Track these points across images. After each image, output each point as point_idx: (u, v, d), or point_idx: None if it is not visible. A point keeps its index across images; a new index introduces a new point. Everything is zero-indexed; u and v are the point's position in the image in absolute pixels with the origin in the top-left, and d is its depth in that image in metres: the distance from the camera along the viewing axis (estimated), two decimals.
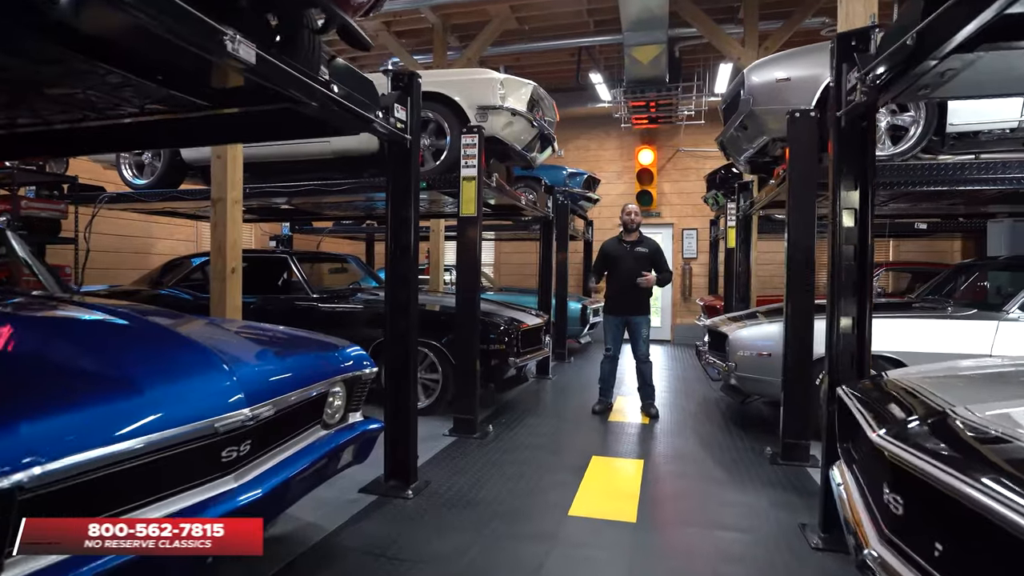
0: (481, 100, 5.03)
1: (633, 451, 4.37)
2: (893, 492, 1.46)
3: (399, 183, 3.38)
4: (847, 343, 2.89)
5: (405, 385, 3.41)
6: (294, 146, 5.66)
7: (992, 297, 5.29)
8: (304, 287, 5.66)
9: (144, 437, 1.52)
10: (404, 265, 3.40)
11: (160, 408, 1.63)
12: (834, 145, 2.90)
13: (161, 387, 1.70)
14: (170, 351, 2.00)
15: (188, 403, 1.72)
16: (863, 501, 1.73)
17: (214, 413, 1.77)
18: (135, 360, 1.85)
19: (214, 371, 1.90)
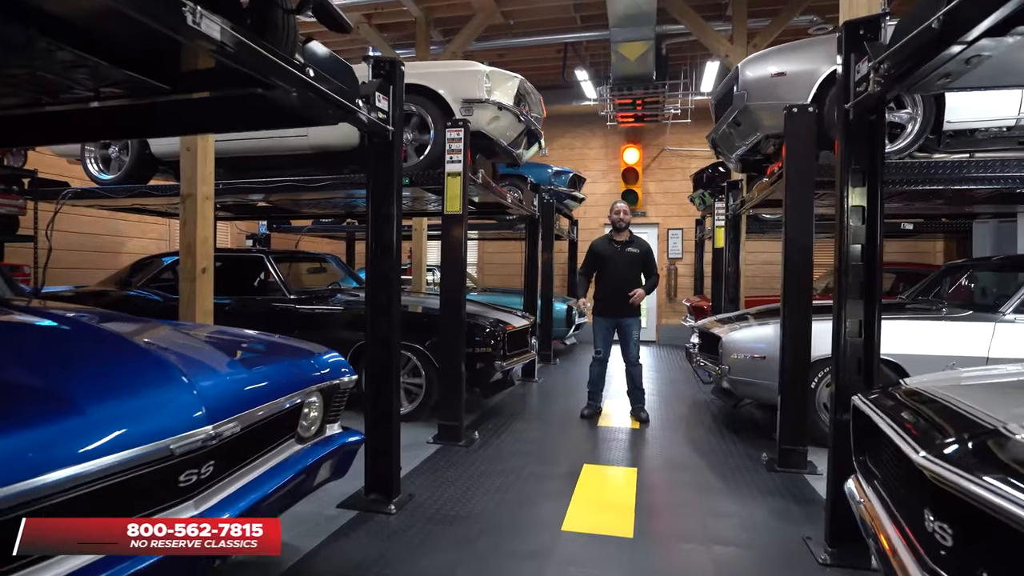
0: (466, 93, 4.83)
1: (625, 458, 4.21)
2: (939, 520, 1.30)
3: (380, 178, 3.18)
4: (854, 348, 2.75)
5: (387, 392, 3.21)
6: (270, 140, 5.41)
7: (985, 298, 5.22)
8: (281, 288, 5.42)
9: (81, 466, 1.30)
10: (386, 264, 3.19)
11: (104, 430, 1.42)
12: (841, 139, 2.76)
13: (106, 405, 1.49)
14: (120, 362, 1.78)
15: (138, 423, 1.51)
16: (893, 524, 1.57)
17: (170, 433, 1.56)
18: (78, 374, 1.63)
19: (171, 384, 1.69)
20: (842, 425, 2.78)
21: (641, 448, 4.47)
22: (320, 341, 5.00)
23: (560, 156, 11.94)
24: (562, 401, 6.05)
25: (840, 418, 2.78)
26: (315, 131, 5.20)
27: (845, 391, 2.77)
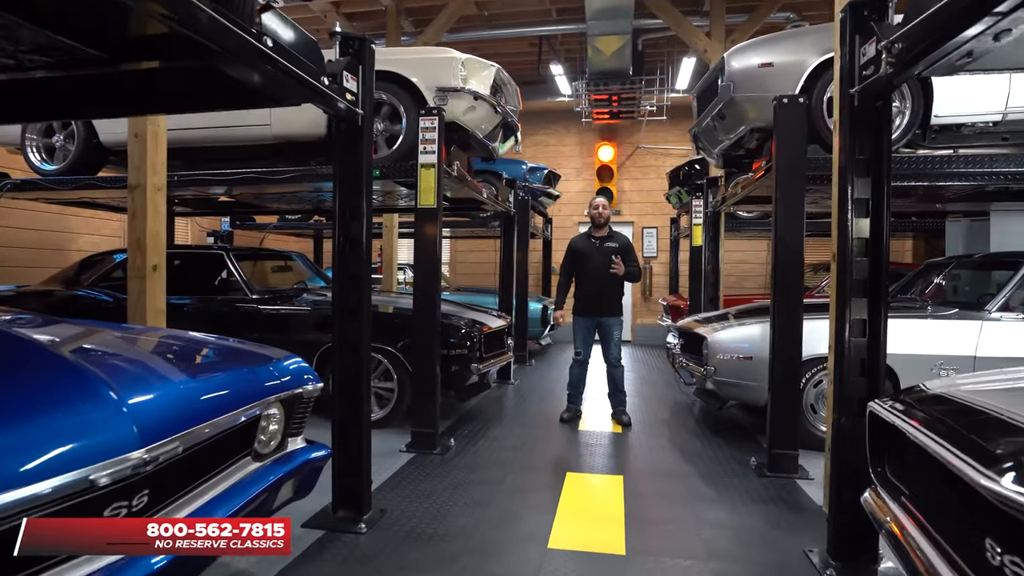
0: (440, 81, 4.57)
1: (610, 466, 4.01)
2: (1009, 553, 1.11)
3: (349, 166, 2.91)
4: (857, 349, 2.59)
5: (357, 401, 2.94)
6: (230, 129, 5.07)
7: (967, 296, 5.17)
8: (243, 287, 5.08)
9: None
10: (355, 262, 2.92)
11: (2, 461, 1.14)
12: (844, 128, 2.59)
13: (4, 432, 1.21)
14: (33, 378, 1.50)
15: (48, 451, 1.23)
16: (939, 553, 1.38)
17: (90, 460, 1.29)
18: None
19: (95, 402, 1.41)
20: (844, 430, 2.63)
21: (625, 454, 4.27)
22: (285, 343, 4.68)
23: (534, 153, 11.75)
24: (540, 404, 5.84)
25: (842, 422, 2.62)
26: (279, 119, 4.89)
27: (847, 394, 2.62)
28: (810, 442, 4.06)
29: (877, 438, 1.95)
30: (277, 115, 4.89)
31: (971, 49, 1.91)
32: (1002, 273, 5.01)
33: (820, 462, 3.80)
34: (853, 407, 2.61)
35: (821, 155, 4.14)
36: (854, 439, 2.60)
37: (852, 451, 2.60)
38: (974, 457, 1.21)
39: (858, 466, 2.58)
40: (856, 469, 2.58)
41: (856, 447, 2.59)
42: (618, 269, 4.91)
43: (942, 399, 1.74)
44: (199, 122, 5.03)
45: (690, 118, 11.50)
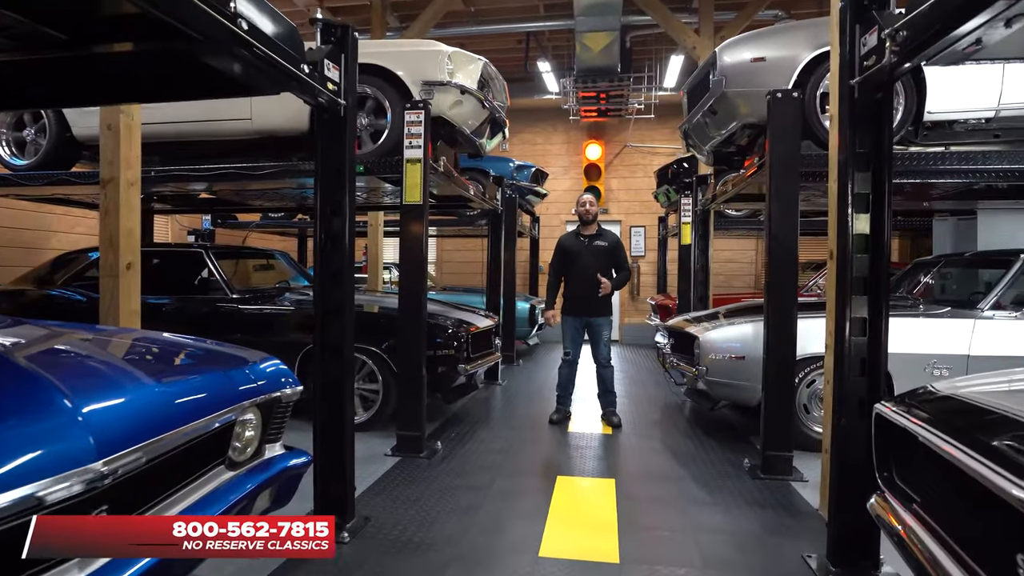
0: (426, 75, 4.46)
1: (601, 468, 3.92)
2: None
3: (331, 159, 2.78)
4: (858, 348, 2.51)
5: (339, 405, 2.82)
6: (210, 124, 4.91)
7: (957, 295, 5.14)
8: (222, 286, 4.93)
9: None
10: (337, 260, 2.80)
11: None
12: (844, 120, 2.52)
13: None
14: None
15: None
16: (958, 565, 1.30)
17: (40, 475, 1.17)
18: None
19: (46, 411, 1.29)
20: (844, 432, 2.55)
21: (616, 456, 4.18)
22: (266, 344, 4.55)
23: (521, 151, 11.65)
24: (529, 405, 5.74)
25: (842, 424, 2.55)
26: (260, 113, 4.75)
27: (847, 394, 2.54)
28: (803, 443, 4.00)
29: (884, 442, 1.87)
30: (258, 109, 4.75)
31: (980, 36, 1.83)
32: (992, 272, 5.00)
33: (814, 463, 3.76)
34: (853, 408, 2.54)
35: (814, 151, 4.09)
36: (854, 441, 2.53)
37: (852, 453, 2.53)
38: (1003, 466, 1.12)
39: (858, 469, 2.52)
40: (856, 472, 2.52)
41: (856, 449, 2.53)
42: (605, 289, 4.83)
43: (954, 401, 1.66)
44: (176, 115, 4.87)
45: (678, 116, 11.45)
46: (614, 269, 5.07)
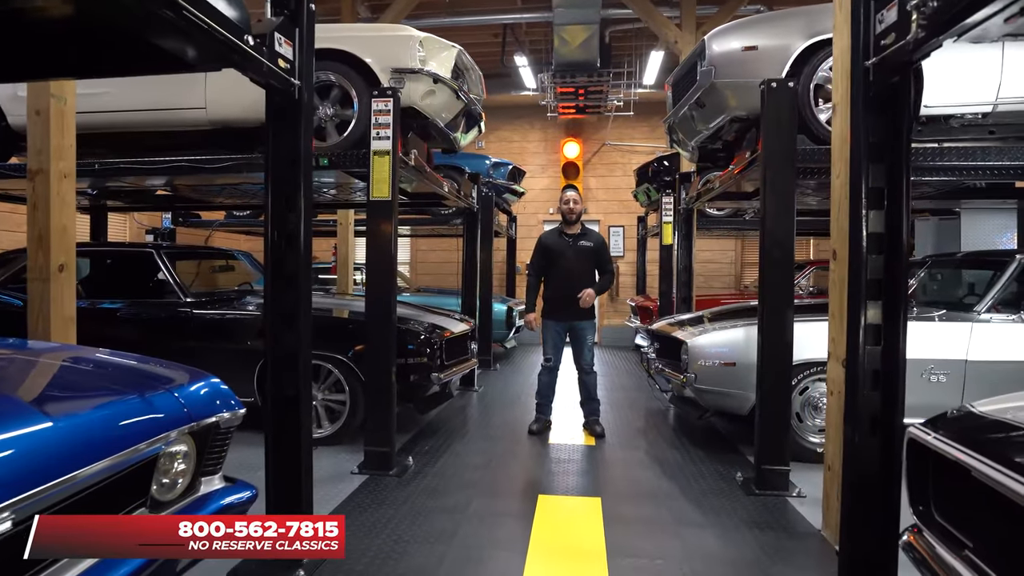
0: (396, 61, 4.14)
1: (585, 485, 3.64)
2: None
3: (284, 148, 2.46)
4: (871, 358, 2.27)
5: (294, 423, 2.49)
6: (161, 113, 4.53)
7: (947, 297, 4.99)
8: (175, 289, 4.54)
9: None
10: (292, 260, 2.47)
11: None
12: (856, 107, 2.28)
13: None
14: None
15: None
16: None
17: None
18: None
19: None
20: (857, 452, 2.31)
21: (601, 470, 3.92)
22: (222, 353, 4.19)
23: (497, 149, 11.35)
24: (507, 413, 5.45)
25: (858, 441, 2.30)
26: (215, 102, 4.38)
27: (859, 410, 2.30)
28: (797, 453, 3.78)
29: (919, 471, 1.62)
30: (213, 97, 4.38)
31: None
32: (982, 273, 4.86)
33: (810, 476, 3.55)
34: (864, 425, 2.30)
35: (806, 146, 3.87)
36: (867, 462, 2.29)
37: (864, 475, 2.29)
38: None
39: (870, 491, 2.29)
40: (867, 494, 2.28)
41: (869, 470, 2.29)
42: (587, 301, 4.60)
43: (1009, 427, 1.41)
44: (124, 104, 4.48)
45: (657, 114, 11.30)
46: (598, 270, 4.82)
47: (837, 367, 2.85)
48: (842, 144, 2.80)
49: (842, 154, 2.81)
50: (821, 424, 4.03)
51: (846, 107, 2.80)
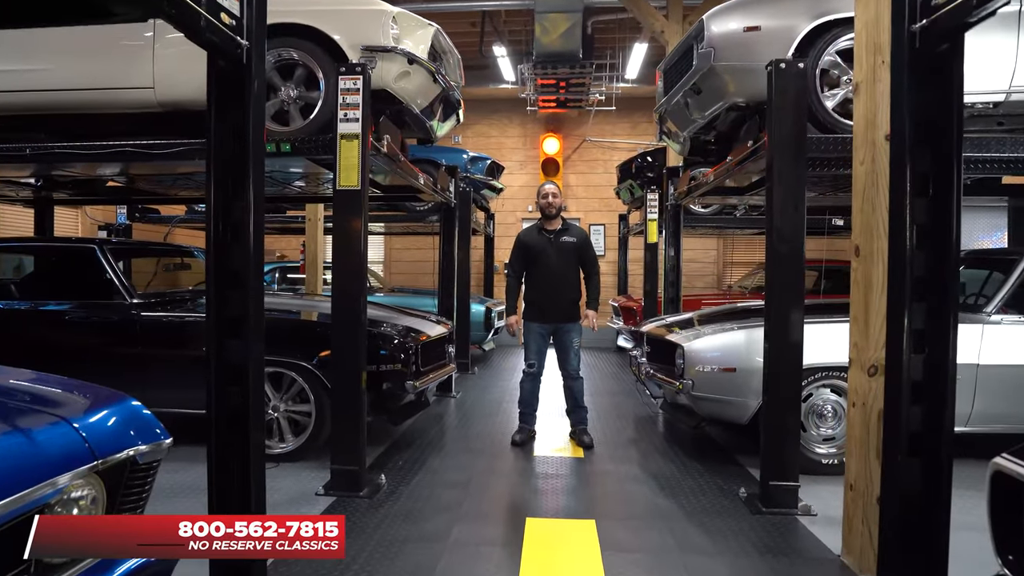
0: (367, 38, 3.76)
1: (577, 506, 3.31)
2: None
3: (228, 122, 2.08)
4: (913, 366, 1.98)
5: (241, 449, 2.11)
6: (104, 93, 4.07)
7: None
8: (119, 289, 4.09)
9: None
10: (239, 255, 2.09)
11: None
12: (899, 78, 1.99)
13: None
14: None
15: None
16: None
17: None
18: None
19: None
20: (901, 474, 2.01)
21: (593, 487, 3.59)
22: (175, 360, 3.74)
23: (475, 144, 10.98)
24: (487, 421, 5.10)
25: (898, 461, 2.00)
26: (164, 81, 3.94)
27: (900, 428, 2.00)
28: (801, 465, 3.48)
29: (1009, 510, 1.32)
30: (162, 75, 3.94)
31: None
32: (977, 272, 4.65)
33: (818, 490, 3.30)
34: (903, 445, 2.00)
35: (811, 134, 3.59)
36: (907, 487, 2.00)
37: (903, 501, 2.00)
38: None
39: (911, 526, 2.00)
40: (908, 529, 1.99)
41: (909, 498, 2.00)
42: (590, 321, 4.45)
43: None
44: (62, 82, 4.02)
45: (640, 110, 11.07)
46: (583, 269, 4.51)
47: (861, 376, 2.56)
48: (866, 127, 2.52)
49: (866, 138, 2.52)
50: (826, 433, 3.77)
51: (870, 86, 2.52)
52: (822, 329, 3.60)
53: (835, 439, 3.76)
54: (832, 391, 3.76)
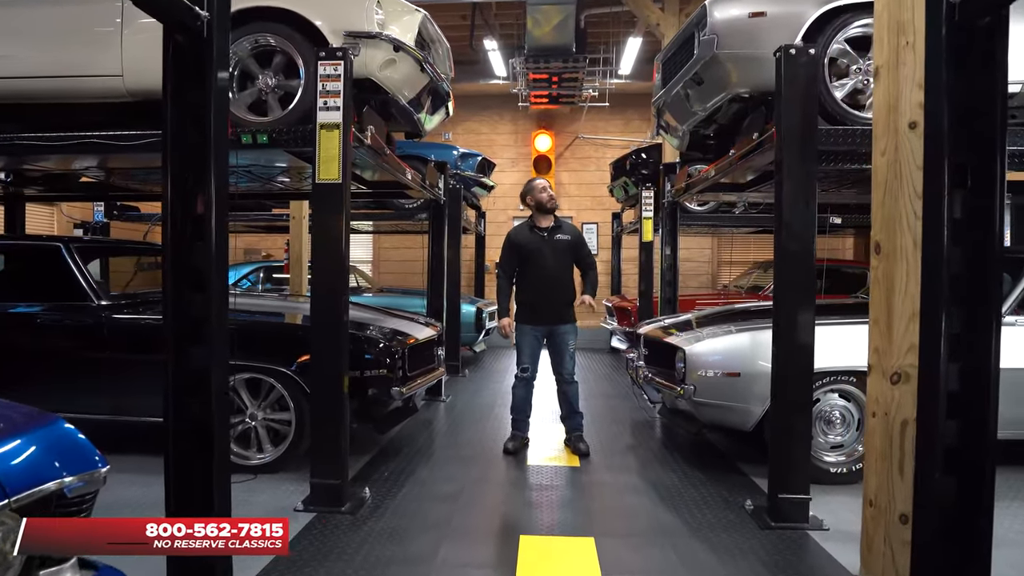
0: (350, 23, 3.53)
1: (574, 521, 3.10)
2: None
3: (185, 105, 1.86)
4: (950, 374, 1.79)
5: (203, 471, 1.88)
6: (70, 81, 3.83)
7: None
8: (86, 291, 3.84)
9: None
10: (200, 253, 1.87)
11: None
12: (930, 57, 1.80)
13: None
14: None
15: None
16: None
17: None
18: None
19: None
20: (936, 494, 1.82)
21: (590, 500, 3.39)
22: (145, 366, 3.50)
23: (465, 141, 10.75)
24: (478, 427, 4.89)
25: (935, 479, 1.81)
26: (133, 68, 3.71)
27: (934, 442, 1.81)
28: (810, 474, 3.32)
29: None
30: (131, 62, 3.71)
31: None
32: None
33: (828, 501, 3.16)
34: (938, 460, 1.81)
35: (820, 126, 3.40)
36: (942, 508, 1.81)
37: (938, 521, 1.81)
38: None
39: (943, 542, 1.81)
40: (940, 546, 1.81)
41: (944, 521, 1.81)
42: (588, 302, 4.31)
43: None
44: (22, 69, 3.78)
45: (633, 107, 10.89)
46: (579, 266, 4.33)
47: (882, 384, 2.37)
48: (888, 114, 2.32)
49: (888, 126, 2.33)
50: (834, 440, 3.60)
51: (892, 70, 2.33)
52: (829, 331, 3.42)
53: (844, 446, 3.59)
54: (840, 396, 3.58)
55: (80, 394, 3.81)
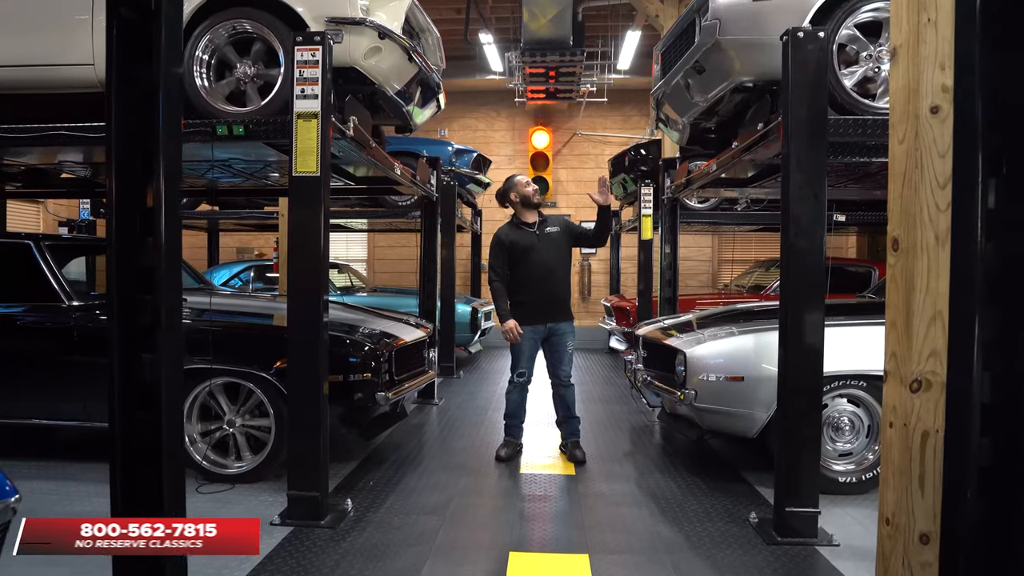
0: (332, 9, 3.35)
1: (568, 536, 2.91)
2: None
3: (132, 86, 1.67)
4: (984, 387, 1.60)
5: (152, 490, 1.69)
6: (38, 70, 3.64)
7: None
8: (56, 292, 3.65)
9: None
10: (150, 251, 1.68)
11: None
12: (960, 29, 1.61)
13: None
14: None
15: None
16: None
17: None
18: None
19: None
20: (966, 515, 1.63)
21: (586, 512, 3.20)
22: None
23: (461, 138, 10.54)
24: (470, 432, 4.70)
25: (967, 499, 1.62)
26: (104, 57, 3.51)
27: (968, 461, 1.63)
28: None
29: None
30: (102, 52, 3.50)
31: None
32: None
33: (836, 514, 3.04)
34: (971, 480, 1.63)
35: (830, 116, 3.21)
36: (972, 532, 1.63)
37: (971, 544, 1.63)
38: None
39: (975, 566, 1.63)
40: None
41: (975, 548, 1.63)
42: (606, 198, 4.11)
43: None
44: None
45: (631, 102, 10.70)
46: (584, 238, 4.31)
47: (900, 391, 2.17)
48: (907, 99, 2.13)
49: (907, 112, 2.13)
50: (842, 448, 3.42)
51: (912, 50, 2.13)
52: (837, 332, 3.24)
53: (853, 454, 3.41)
54: (849, 401, 3.40)
55: (50, 399, 3.65)
